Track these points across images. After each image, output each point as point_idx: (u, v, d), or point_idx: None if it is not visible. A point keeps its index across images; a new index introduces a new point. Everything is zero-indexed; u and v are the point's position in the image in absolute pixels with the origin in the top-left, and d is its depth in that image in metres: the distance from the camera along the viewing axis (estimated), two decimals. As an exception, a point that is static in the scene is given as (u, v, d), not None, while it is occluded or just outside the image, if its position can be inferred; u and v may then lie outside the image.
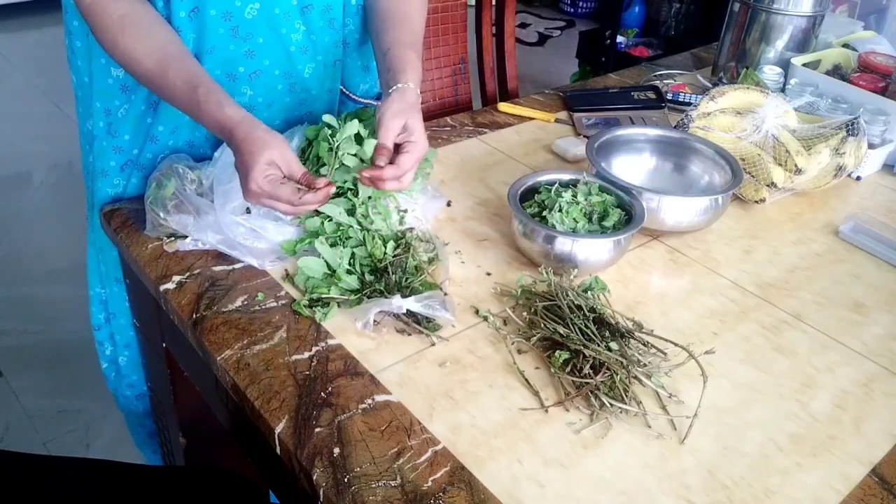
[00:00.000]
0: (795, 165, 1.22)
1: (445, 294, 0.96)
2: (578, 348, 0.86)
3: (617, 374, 0.84)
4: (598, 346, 0.87)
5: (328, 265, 0.98)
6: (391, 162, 0.98)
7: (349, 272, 0.98)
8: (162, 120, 1.12)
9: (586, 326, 0.89)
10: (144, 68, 0.99)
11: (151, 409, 1.40)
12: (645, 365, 0.87)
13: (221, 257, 1.02)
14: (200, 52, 1.08)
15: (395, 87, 1.04)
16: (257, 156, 0.92)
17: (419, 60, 1.11)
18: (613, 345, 0.87)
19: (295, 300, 0.96)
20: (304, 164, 1.09)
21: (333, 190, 0.96)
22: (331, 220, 1.02)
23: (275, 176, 0.93)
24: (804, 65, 1.53)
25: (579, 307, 0.92)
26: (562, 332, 0.89)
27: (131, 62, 0.99)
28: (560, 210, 1.05)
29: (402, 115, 1.00)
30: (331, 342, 0.90)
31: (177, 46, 1.01)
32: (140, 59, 0.98)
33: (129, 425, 1.53)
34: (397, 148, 1.00)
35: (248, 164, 0.92)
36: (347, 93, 1.29)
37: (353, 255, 1.00)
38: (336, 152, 1.02)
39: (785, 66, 1.55)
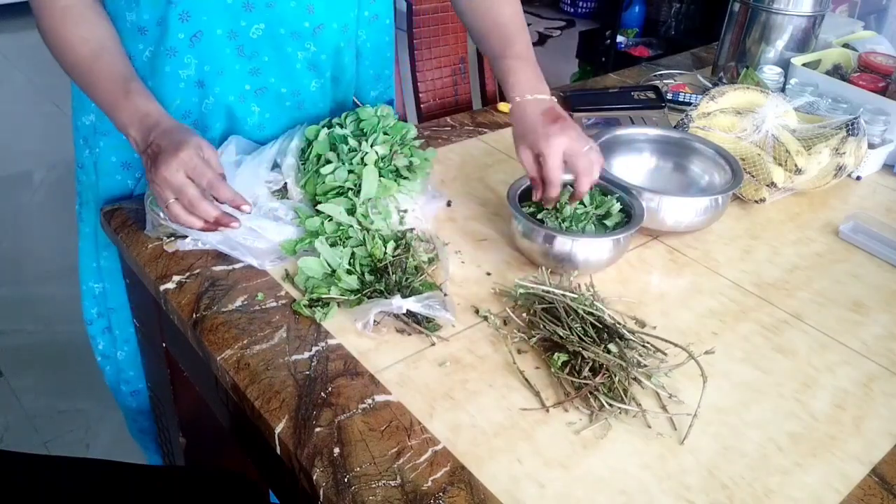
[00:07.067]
0: (795, 165, 1.22)
1: (445, 294, 0.96)
2: (577, 350, 0.86)
3: (616, 376, 0.84)
4: (597, 348, 0.86)
5: (328, 265, 0.98)
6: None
7: (349, 272, 0.98)
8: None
9: (584, 330, 0.89)
10: (76, 55, 1.00)
11: (151, 408, 1.40)
12: (644, 366, 0.87)
13: (221, 257, 1.02)
14: (207, 76, 1.08)
15: (513, 101, 1.09)
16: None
17: (524, 62, 1.11)
18: (612, 347, 0.87)
19: (295, 300, 0.96)
20: (303, 163, 1.10)
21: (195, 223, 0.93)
22: (331, 219, 1.02)
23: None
24: (804, 65, 1.53)
25: (576, 310, 0.92)
26: (561, 333, 0.89)
27: (64, 49, 1.01)
28: (560, 210, 1.05)
29: (523, 141, 1.06)
30: (331, 342, 0.90)
31: (113, 42, 1.02)
32: (74, 46, 1.00)
33: (127, 421, 1.53)
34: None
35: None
36: (358, 102, 1.29)
37: (353, 255, 1.00)
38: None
39: (785, 65, 1.55)
